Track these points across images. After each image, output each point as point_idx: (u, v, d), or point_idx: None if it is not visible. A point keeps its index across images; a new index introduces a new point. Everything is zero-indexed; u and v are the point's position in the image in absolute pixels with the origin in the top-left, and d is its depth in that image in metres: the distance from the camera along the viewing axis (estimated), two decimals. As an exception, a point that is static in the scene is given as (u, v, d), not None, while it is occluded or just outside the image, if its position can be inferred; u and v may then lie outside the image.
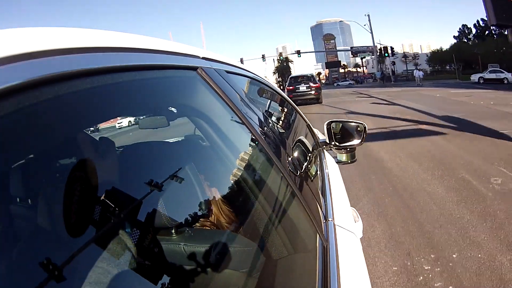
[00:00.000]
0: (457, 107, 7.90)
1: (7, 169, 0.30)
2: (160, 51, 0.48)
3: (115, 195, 0.41)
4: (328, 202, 0.91)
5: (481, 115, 6.38)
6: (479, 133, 4.88)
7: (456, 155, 3.84)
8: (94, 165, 0.39)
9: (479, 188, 2.78)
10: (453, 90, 14.11)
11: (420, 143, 4.61)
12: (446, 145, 4.41)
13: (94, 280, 0.31)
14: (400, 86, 22.11)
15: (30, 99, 0.25)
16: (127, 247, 0.36)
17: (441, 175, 3.22)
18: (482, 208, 2.40)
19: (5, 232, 0.30)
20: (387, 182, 3.16)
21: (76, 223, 0.34)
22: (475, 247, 1.90)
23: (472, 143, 4.36)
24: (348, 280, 0.59)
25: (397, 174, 3.36)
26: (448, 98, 10.76)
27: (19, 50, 0.25)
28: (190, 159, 0.64)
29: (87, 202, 0.37)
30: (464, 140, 4.53)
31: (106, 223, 0.37)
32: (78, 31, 0.35)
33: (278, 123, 1.18)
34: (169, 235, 0.49)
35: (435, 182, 3.03)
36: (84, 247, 0.33)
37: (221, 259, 0.48)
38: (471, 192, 2.71)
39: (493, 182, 2.89)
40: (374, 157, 4.04)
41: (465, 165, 3.44)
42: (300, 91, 11.89)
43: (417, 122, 6.31)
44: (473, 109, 7.35)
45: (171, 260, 0.45)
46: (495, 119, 5.75)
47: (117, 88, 0.38)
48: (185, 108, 0.68)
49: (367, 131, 1.34)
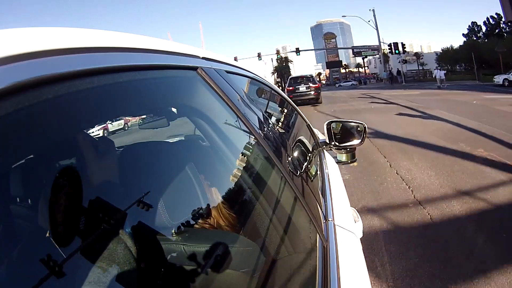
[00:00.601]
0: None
1: (7, 169, 0.30)
2: (160, 51, 0.48)
3: (115, 195, 0.41)
4: (328, 202, 0.91)
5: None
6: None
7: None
8: (94, 165, 0.40)
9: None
10: (487, 95, 10.64)
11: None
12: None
13: (94, 280, 0.31)
14: (414, 88, 18.56)
15: (30, 99, 0.25)
16: (127, 247, 0.36)
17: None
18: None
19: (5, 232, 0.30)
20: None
21: (76, 222, 0.34)
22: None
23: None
24: (348, 280, 0.59)
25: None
26: (491, 107, 7.73)
27: (19, 50, 0.25)
28: (190, 159, 0.64)
29: (87, 202, 0.37)
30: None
31: (106, 223, 0.37)
32: (78, 31, 0.35)
33: (278, 123, 1.18)
34: (169, 235, 0.49)
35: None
36: (84, 247, 0.33)
37: (221, 259, 0.48)
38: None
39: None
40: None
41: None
42: (299, 91, 12.02)
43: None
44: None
45: (171, 260, 0.45)
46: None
47: (117, 88, 0.38)
48: (185, 108, 0.68)
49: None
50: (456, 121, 6.02)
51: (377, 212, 2.51)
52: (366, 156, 4.04)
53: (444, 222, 2.28)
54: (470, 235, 2.08)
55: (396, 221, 2.36)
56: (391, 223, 2.34)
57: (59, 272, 0.29)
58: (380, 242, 2.09)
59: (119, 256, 0.35)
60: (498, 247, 1.90)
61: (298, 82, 12.59)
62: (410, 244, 2.04)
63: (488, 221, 2.23)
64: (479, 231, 2.11)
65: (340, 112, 9.18)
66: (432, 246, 1.99)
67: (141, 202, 0.45)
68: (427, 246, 1.99)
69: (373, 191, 2.95)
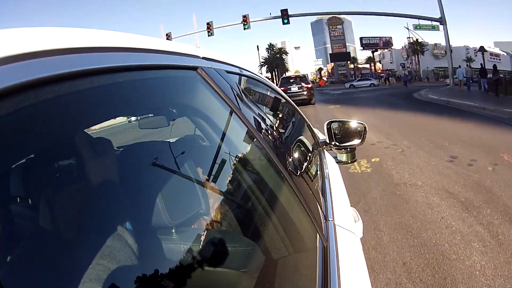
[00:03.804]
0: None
1: (7, 169, 0.30)
2: (160, 51, 0.48)
3: (115, 194, 0.41)
4: (328, 202, 0.91)
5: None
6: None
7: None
8: (94, 164, 0.40)
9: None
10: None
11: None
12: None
13: (94, 278, 0.31)
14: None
15: (30, 99, 0.25)
16: (127, 247, 0.36)
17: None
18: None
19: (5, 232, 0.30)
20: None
21: (76, 222, 0.34)
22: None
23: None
24: (348, 280, 0.59)
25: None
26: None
27: (19, 50, 0.25)
28: (190, 159, 0.64)
29: (87, 201, 0.37)
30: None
31: (106, 223, 0.37)
32: (78, 31, 0.35)
33: (278, 123, 1.18)
34: (169, 235, 0.49)
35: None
36: (84, 246, 0.33)
37: (221, 259, 0.48)
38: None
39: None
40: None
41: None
42: (292, 92, 11.81)
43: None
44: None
45: (170, 259, 0.45)
46: None
47: (117, 88, 0.38)
48: (185, 108, 0.68)
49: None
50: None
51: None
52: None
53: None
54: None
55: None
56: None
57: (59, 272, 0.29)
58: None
59: (119, 256, 0.35)
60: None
61: (290, 82, 12.43)
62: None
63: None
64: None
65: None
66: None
67: (141, 202, 0.45)
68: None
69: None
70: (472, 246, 1.97)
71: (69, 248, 0.33)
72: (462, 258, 1.86)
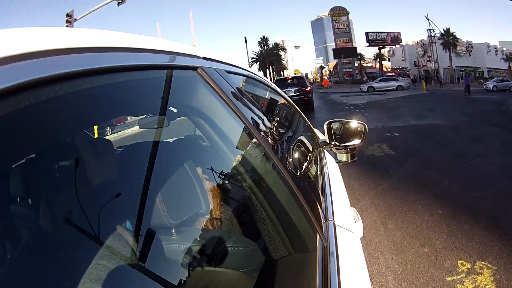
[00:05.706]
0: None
1: (7, 169, 0.30)
2: (160, 51, 0.48)
3: (115, 194, 0.41)
4: (328, 202, 0.91)
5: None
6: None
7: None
8: (94, 164, 0.40)
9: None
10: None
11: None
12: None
13: (94, 278, 0.31)
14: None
15: (30, 99, 0.25)
16: (127, 247, 0.36)
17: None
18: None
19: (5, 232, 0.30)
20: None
21: (76, 222, 0.34)
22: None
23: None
24: (348, 280, 0.59)
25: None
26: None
27: (19, 50, 0.25)
28: (190, 159, 0.64)
29: (87, 201, 0.37)
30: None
31: (106, 223, 0.37)
32: (78, 31, 0.35)
33: (278, 123, 1.18)
34: (169, 235, 0.49)
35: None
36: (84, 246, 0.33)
37: (221, 259, 0.48)
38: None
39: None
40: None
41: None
42: (288, 96, 11.27)
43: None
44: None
45: (171, 259, 0.45)
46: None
47: (117, 88, 0.38)
48: (185, 107, 0.68)
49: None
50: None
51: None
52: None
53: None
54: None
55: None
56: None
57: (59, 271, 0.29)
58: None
59: (119, 256, 0.35)
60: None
61: (286, 85, 10.95)
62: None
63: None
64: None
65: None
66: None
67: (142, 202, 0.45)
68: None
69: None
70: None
71: (69, 248, 0.33)
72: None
